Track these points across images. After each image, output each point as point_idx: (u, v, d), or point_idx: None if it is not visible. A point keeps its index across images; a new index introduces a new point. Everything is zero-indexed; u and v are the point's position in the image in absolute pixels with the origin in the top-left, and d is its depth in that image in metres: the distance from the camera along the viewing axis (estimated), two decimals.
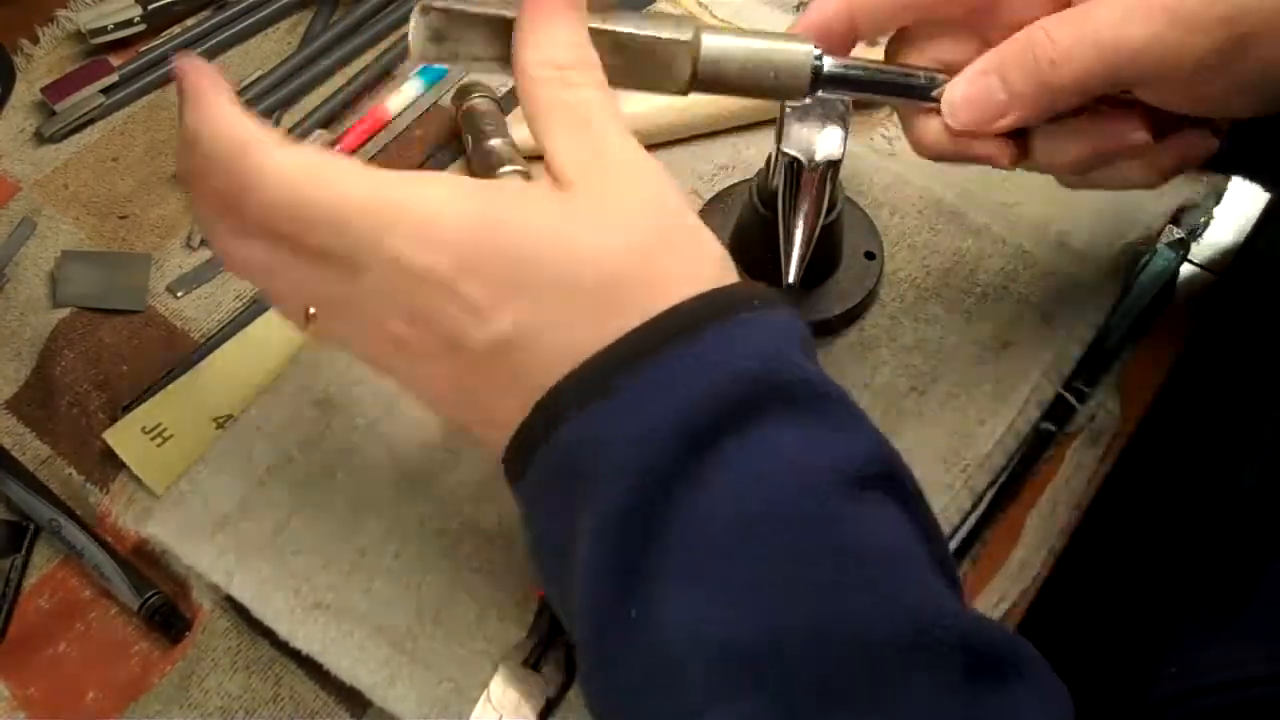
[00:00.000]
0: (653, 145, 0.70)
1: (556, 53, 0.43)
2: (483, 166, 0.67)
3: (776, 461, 0.38)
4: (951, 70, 0.49)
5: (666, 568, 0.38)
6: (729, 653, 0.37)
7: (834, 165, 0.57)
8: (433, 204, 0.40)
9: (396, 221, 0.40)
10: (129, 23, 0.75)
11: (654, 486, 0.38)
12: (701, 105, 0.70)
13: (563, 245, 0.40)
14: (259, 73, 0.74)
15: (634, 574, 0.38)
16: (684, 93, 0.49)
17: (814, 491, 0.38)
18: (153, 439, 0.62)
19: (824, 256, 0.62)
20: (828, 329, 0.64)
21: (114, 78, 0.74)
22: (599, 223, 0.41)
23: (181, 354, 0.65)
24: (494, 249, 0.40)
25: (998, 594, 0.56)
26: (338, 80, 0.75)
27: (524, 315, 0.40)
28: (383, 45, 0.77)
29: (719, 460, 0.38)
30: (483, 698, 0.53)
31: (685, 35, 0.47)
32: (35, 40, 0.77)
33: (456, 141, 0.72)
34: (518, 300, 0.40)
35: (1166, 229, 0.67)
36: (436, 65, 0.46)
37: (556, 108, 0.42)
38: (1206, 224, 0.68)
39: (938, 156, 0.51)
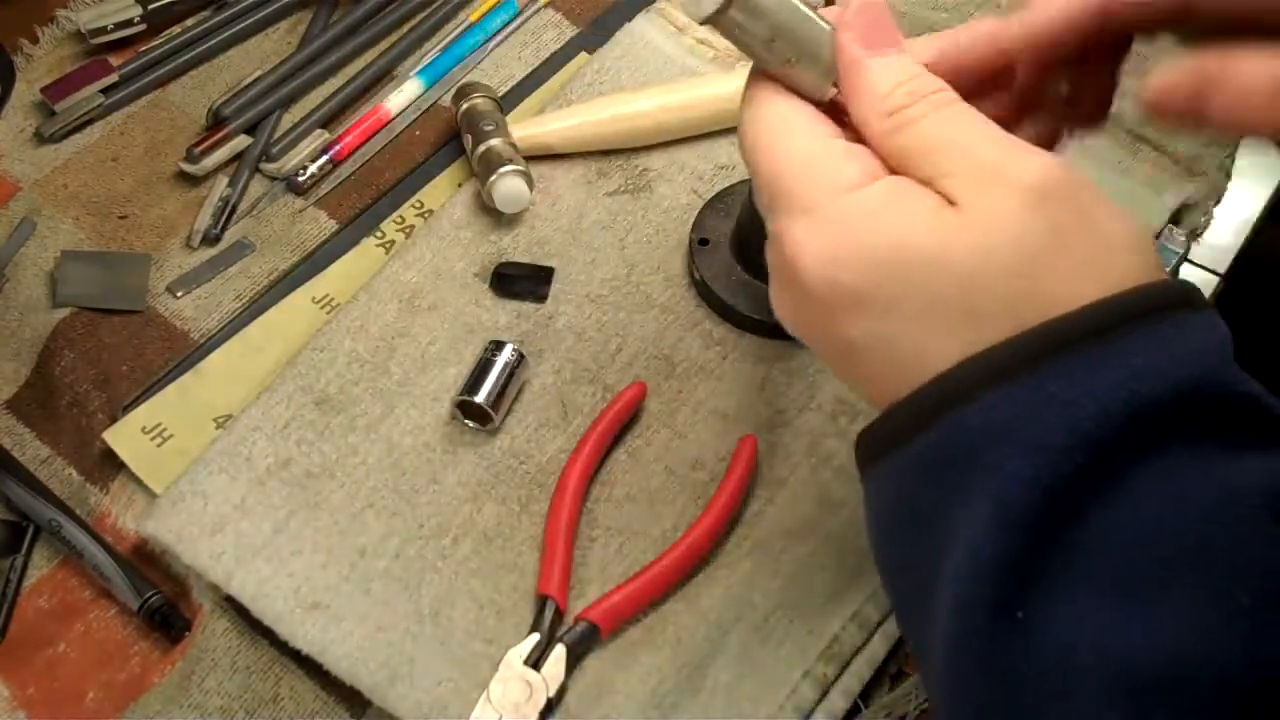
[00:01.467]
0: (653, 145, 0.71)
1: (888, 98, 0.41)
2: (483, 166, 0.67)
3: (1208, 481, 0.35)
4: None
5: (1072, 573, 0.35)
6: (1136, 676, 0.34)
7: None
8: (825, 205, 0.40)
9: (790, 205, 0.41)
10: (129, 23, 0.75)
11: (1070, 484, 0.35)
12: (701, 106, 0.70)
13: (939, 258, 0.38)
14: (259, 73, 0.74)
15: (1032, 573, 0.35)
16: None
17: (1246, 519, 0.35)
18: (153, 439, 0.62)
19: None
20: None
21: (114, 78, 0.73)
22: (982, 233, 0.38)
23: (181, 354, 0.65)
24: (870, 258, 0.39)
25: None
26: (338, 80, 0.75)
27: (873, 328, 0.39)
28: (383, 45, 0.77)
29: (1142, 471, 0.35)
30: (483, 698, 0.53)
31: None
32: (35, 40, 0.77)
33: (456, 141, 0.72)
34: (866, 314, 0.39)
35: (1166, 229, 0.67)
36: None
37: (911, 154, 0.40)
38: (1206, 224, 0.68)
39: None
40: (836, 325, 0.40)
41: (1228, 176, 0.70)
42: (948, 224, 0.38)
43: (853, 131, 0.42)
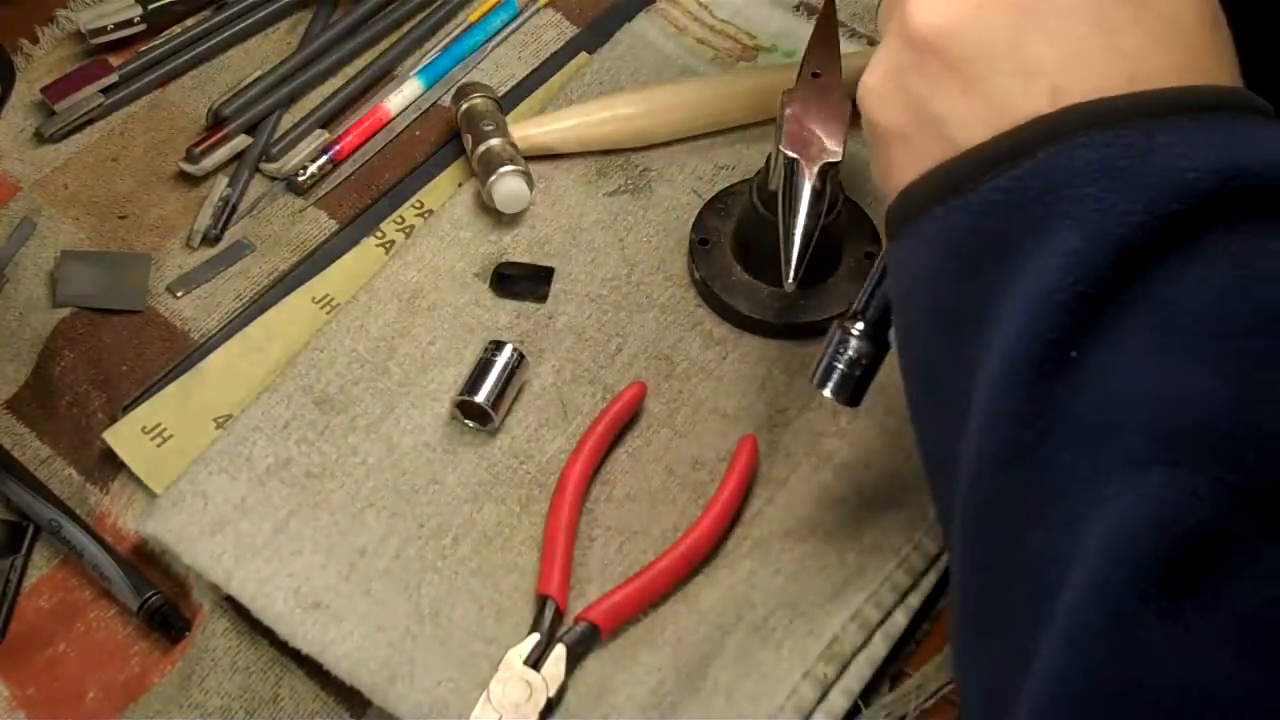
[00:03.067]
0: (653, 145, 0.70)
1: None
2: (483, 166, 0.67)
3: (1271, 262, 0.36)
4: None
5: (1134, 317, 0.36)
6: (1180, 429, 0.35)
7: (834, 165, 0.57)
8: None
9: None
10: (129, 23, 0.75)
11: (1165, 228, 0.36)
12: (701, 105, 0.70)
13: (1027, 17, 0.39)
14: (259, 73, 0.74)
15: (1102, 312, 0.36)
16: None
17: None
18: (153, 439, 0.62)
19: (824, 256, 0.62)
20: (828, 329, 0.64)
21: (114, 78, 0.73)
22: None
23: (181, 354, 0.65)
24: (943, 33, 0.41)
25: None
26: (338, 80, 0.75)
27: (952, 100, 0.41)
28: (383, 45, 0.77)
29: (1233, 235, 0.36)
30: (483, 698, 0.53)
31: None
32: (35, 40, 0.77)
33: (456, 141, 0.72)
34: (950, 82, 0.41)
35: None
36: None
37: None
38: None
39: None
40: (930, 88, 0.41)
41: None
42: None
43: None
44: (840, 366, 0.52)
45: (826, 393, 0.52)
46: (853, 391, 0.52)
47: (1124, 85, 0.38)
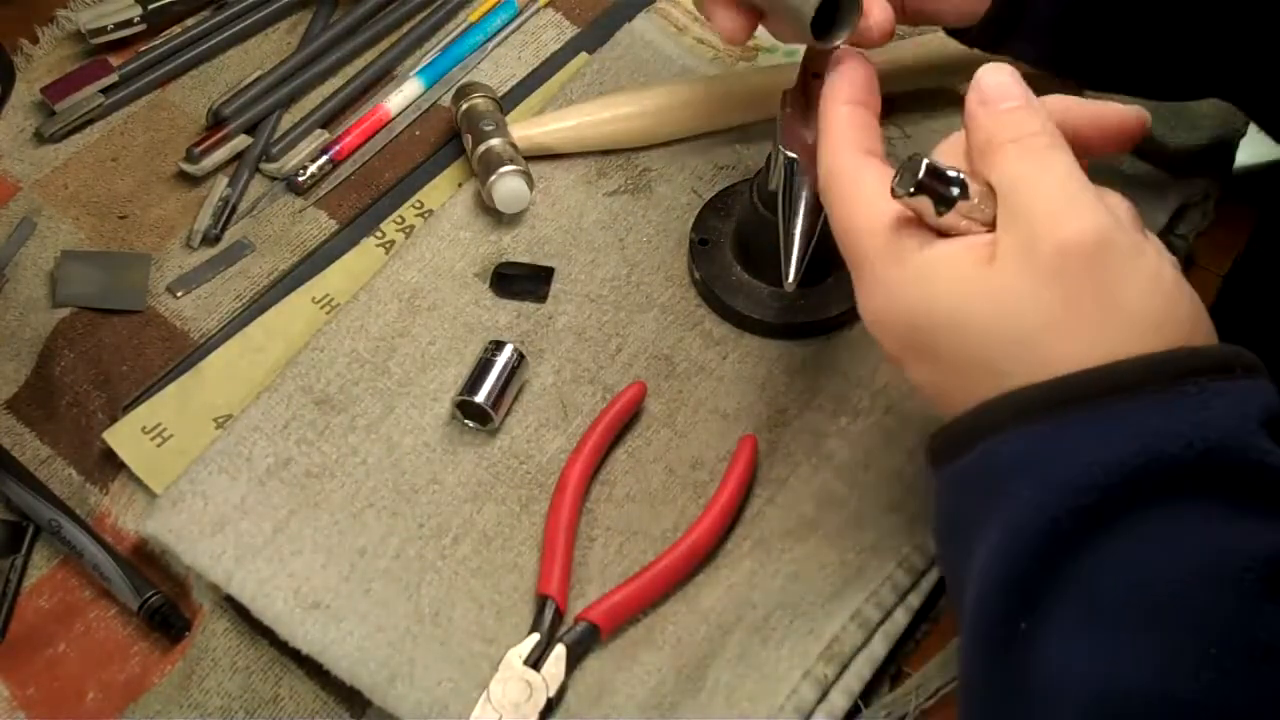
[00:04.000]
0: (653, 145, 0.71)
1: (989, 132, 0.46)
2: (483, 166, 0.67)
3: (1206, 540, 0.39)
4: None
5: (1068, 602, 0.39)
6: (1111, 703, 0.38)
7: None
8: (884, 269, 0.46)
9: (854, 263, 0.47)
10: (129, 23, 0.75)
11: (1069, 526, 0.39)
12: (701, 105, 0.70)
13: (963, 322, 0.44)
14: (259, 73, 0.74)
15: (1034, 595, 0.40)
16: None
17: (1234, 584, 0.38)
18: (153, 439, 0.62)
19: (824, 256, 0.62)
20: (828, 329, 0.64)
21: (114, 78, 0.73)
22: (1003, 301, 0.43)
23: (181, 354, 0.65)
24: (916, 323, 0.45)
25: None
26: (338, 80, 0.75)
27: (932, 375, 0.46)
28: (383, 45, 0.77)
29: (1143, 521, 0.39)
30: (483, 698, 0.53)
31: None
32: (35, 40, 0.77)
33: (456, 141, 0.72)
34: (920, 363, 0.46)
35: (1166, 229, 0.67)
36: None
37: (996, 187, 0.45)
38: (1206, 224, 0.68)
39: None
40: (903, 367, 0.47)
41: (1228, 176, 0.69)
42: (974, 289, 0.43)
43: None
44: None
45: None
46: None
47: (1067, 369, 0.41)
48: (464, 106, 0.70)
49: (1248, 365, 0.41)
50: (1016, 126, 0.45)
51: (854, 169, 0.49)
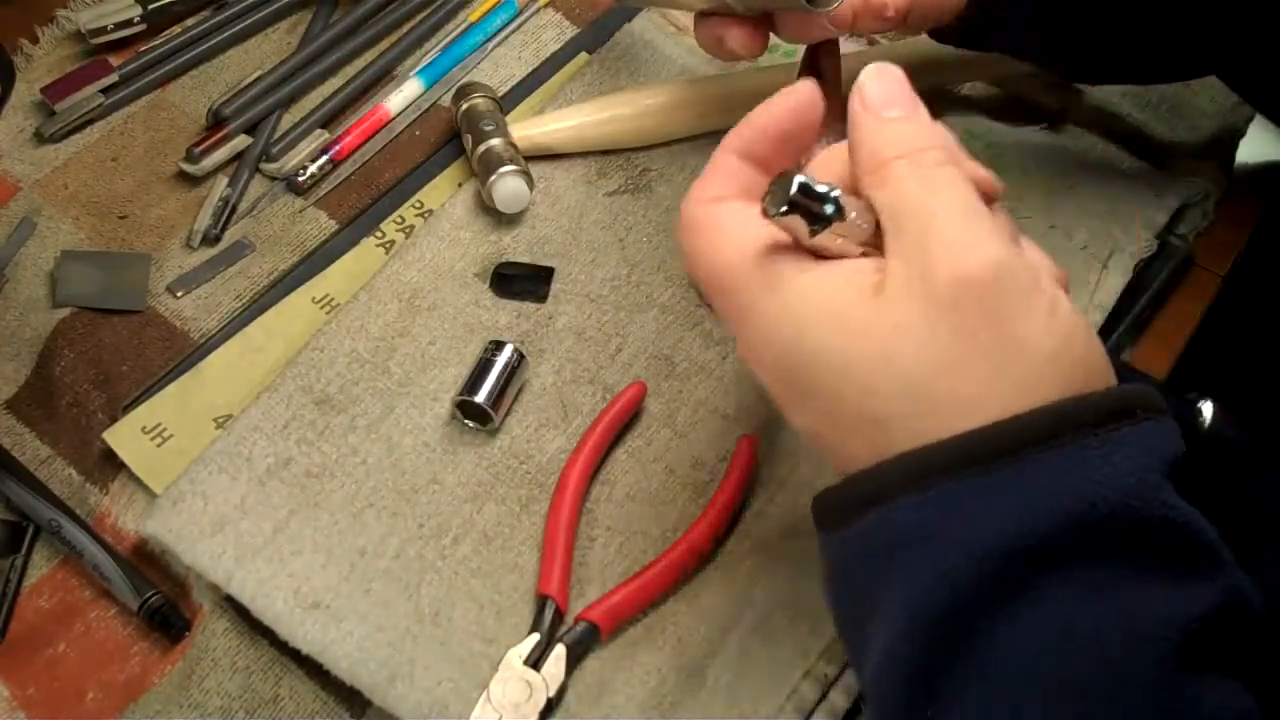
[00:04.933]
0: (653, 145, 0.71)
1: (877, 154, 0.41)
2: (483, 166, 0.67)
3: (1105, 611, 0.36)
4: None
5: (970, 681, 0.37)
6: None
7: None
8: (761, 299, 0.41)
9: (723, 300, 0.43)
10: (129, 23, 0.75)
11: (972, 600, 0.36)
12: (701, 105, 0.70)
13: (842, 364, 0.39)
14: (259, 73, 0.74)
15: (935, 681, 0.37)
16: None
17: (1146, 656, 0.35)
18: (153, 439, 0.62)
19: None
20: None
21: (114, 78, 0.73)
22: (888, 341, 0.39)
23: (181, 354, 0.65)
24: (791, 361, 0.41)
25: None
26: (338, 80, 0.75)
27: (811, 421, 0.41)
28: (383, 45, 0.77)
29: (1050, 591, 0.36)
30: (483, 698, 0.53)
31: None
32: (35, 40, 0.77)
33: (456, 141, 0.72)
34: (805, 406, 0.41)
35: (1166, 229, 0.67)
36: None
37: (887, 211, 0.40)
38: (1207, 224, 0.68)
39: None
40: (784, 412, 0.43)
41: (1228, 176, 0.69)
42: (857, 324, 0.39)
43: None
44: None
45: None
46: None
47: (959, 427, 0.38)
48: (464, 106, 0.70)
49: (1148, 406, 0.38)
50: (905, 140, 0.41)
51: (709, 213, 0.43)
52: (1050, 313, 0.39)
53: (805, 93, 0.44)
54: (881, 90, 0.42)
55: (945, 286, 0.38)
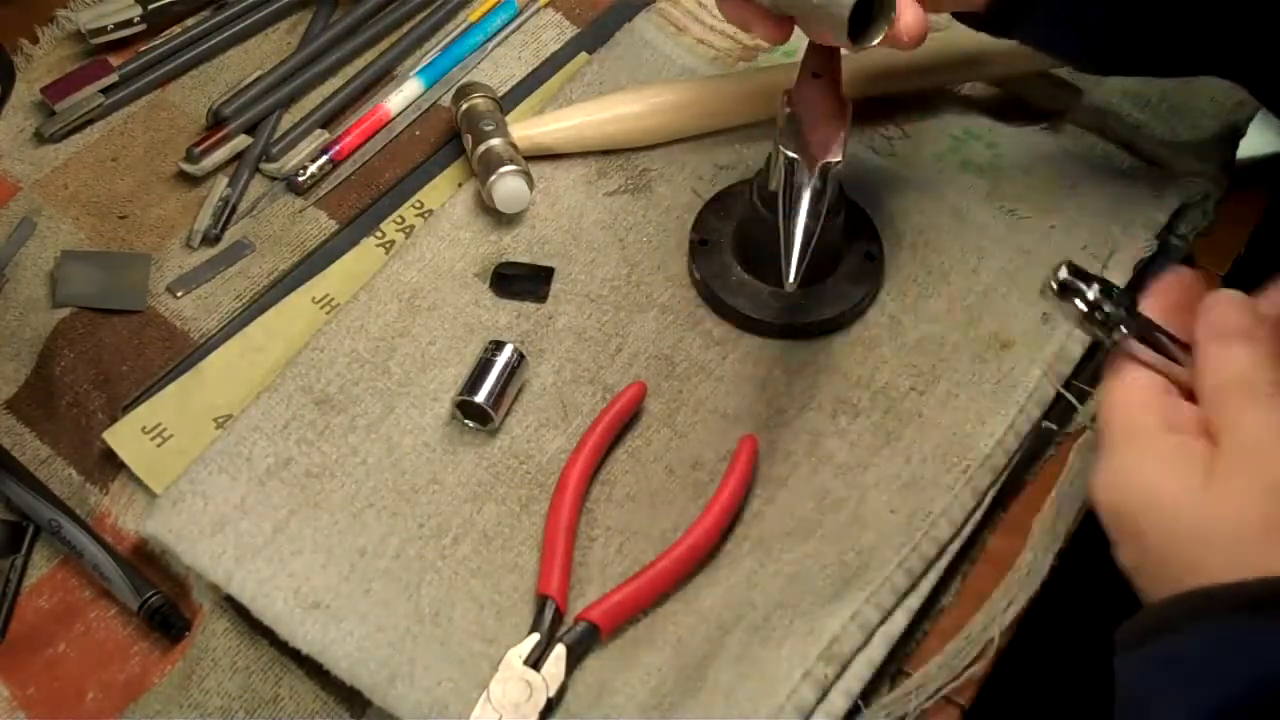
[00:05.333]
0: (653, 145, 0.71)
1: (1217, 384, 0.46)
2: (483, 166, 0.67)
3: None
4: None
5: None
6: None
7: (834, 165, 0.57)
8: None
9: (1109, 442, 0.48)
10: (129, 23, 0.75)
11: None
12: (701, 105, 0.70)
13: (1171, 524, 0.45)
14: (259, 73, 0.74)
15: None
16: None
17: None
18: (153, 439, 0.62)
19: (824, 256, 0.62)
20: (828, 329, 0.64)
21: (114, 78, 0.73)
22: (1213, 510, 0.44)
23: (181, 354, 0.65)
24: (1123, 513, 0.47)
25: (1006, 599, 0.56)
26: (338, 80, 0.75)
27: (1134, 559, 0.47)
28: (383, 45, 0.77)
29: None
30: (483, 698, 0.53)
31: None
32: (35, 40, 0.77)
33: (456, 141, 0.72)
34: (1132, 546, 0.47)
35: (1166, 229, 0.67)
36: None
37: (1216, 424, 0.46)
38: (1207, 224, 0.68)
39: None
40: (1112, 544, 0.48)
41: (1228, 176, 0.69)
42: (1191, 496, 0.45)
43: None
44: None
45: None
46: None
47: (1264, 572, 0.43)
48: (464, 106, 0.70)
49: None
50: (1244, 366, 0.46)
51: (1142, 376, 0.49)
52: None
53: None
54: (1224, 316, 0.47)
55: (1259, 488, 0.44)
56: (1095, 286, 0.46)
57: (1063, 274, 0.46)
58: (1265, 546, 0.44)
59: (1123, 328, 0.46)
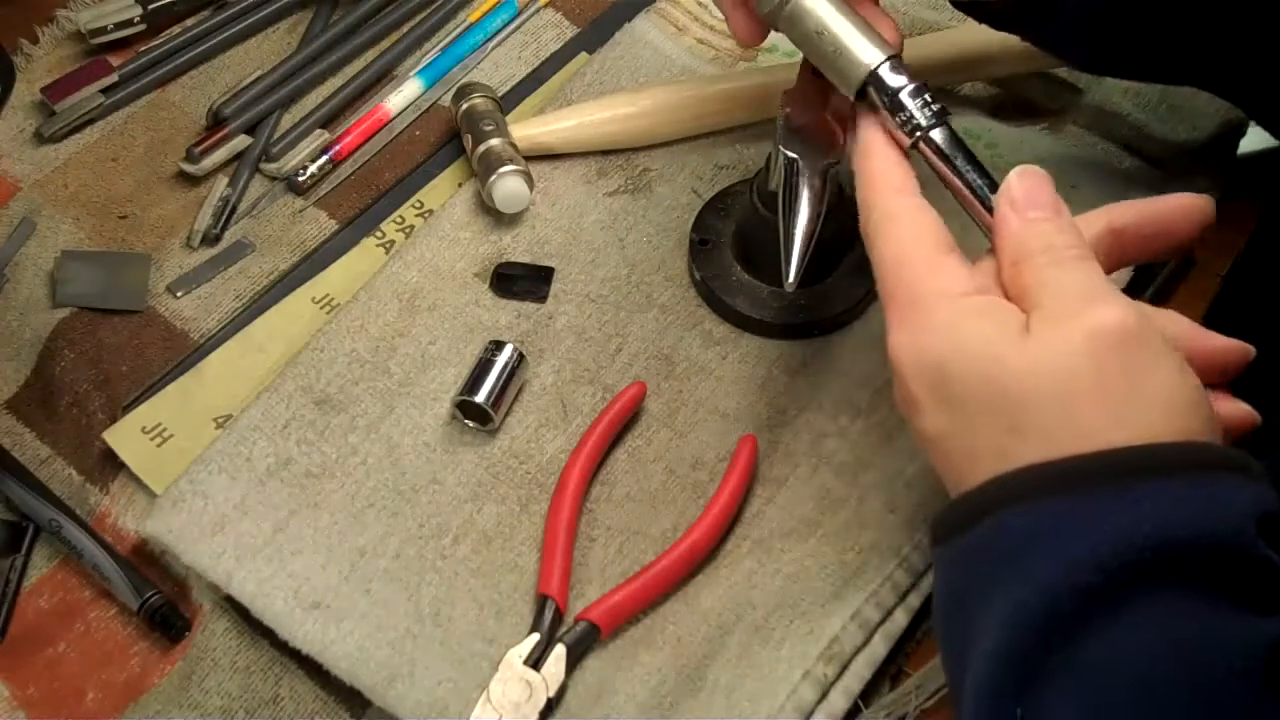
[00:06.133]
0: (653, 145, 0.71)
1: (1019, 250, 0.47)
2: (483, 166, 0.67)
3: (1209, 629, 0.39)
4: None
5: (1064, 682, 0.39)
6: None
7: (834, 165, 0.57)
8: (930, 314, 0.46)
9: (894, 296, 0.48)
10: (129, 23, 0.75)
11: (1072, 605, 0.39)
12: (701, 105, 0.70)
13: (996, 373, 0.44)
14: (259, 73, 0.74)
15: (1030, 674, 0.40)
16: (767, 20, 0.54)
17: (1237, 674, 0.38)
18: (153, 439, 0.62)
19: (824, 256, 0.62)
20: (828, 329, 0.64)
21: (114, 78, 0.73)
22: (1038, 359, 0.43)
23: (181, 354, 0.65)
24: (938, 362, 0.46)
25: None
26: (338, 80, 0.75)
27: (944, 425, 0.46)
28: (383, 45, 0.77)
29: (1147, 606, 0.39)
30: (483, 698, 0.53)
31: None
32: (35, 40, 0.77)
33: (456, 141, 0.72)
34: (942, 411, 0.46)
35: None
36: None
37: (1024, 291, 0.46)
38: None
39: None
40: (916, 414, 0.47)
41: (1228, 176, 0.69)
42: (1012, 347, 0.44)
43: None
44: None
45: None
46: None
47: (1090, 439, 0.42)
48: (464, 106, 0.70)
49: (1257, 472, 0.42)
50: (1046, 237, 0.46)
51: (912, 209, 0.49)
52: (1179, 373, 0.43)
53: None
54: (1027, 191, 0.47)
55: (1081, 335, 0.43)
56: (909, 86, 0.48)
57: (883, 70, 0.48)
58: (1095, 399, 0.42)
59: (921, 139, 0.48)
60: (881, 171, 0.50)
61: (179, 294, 0.67)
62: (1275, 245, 0.70)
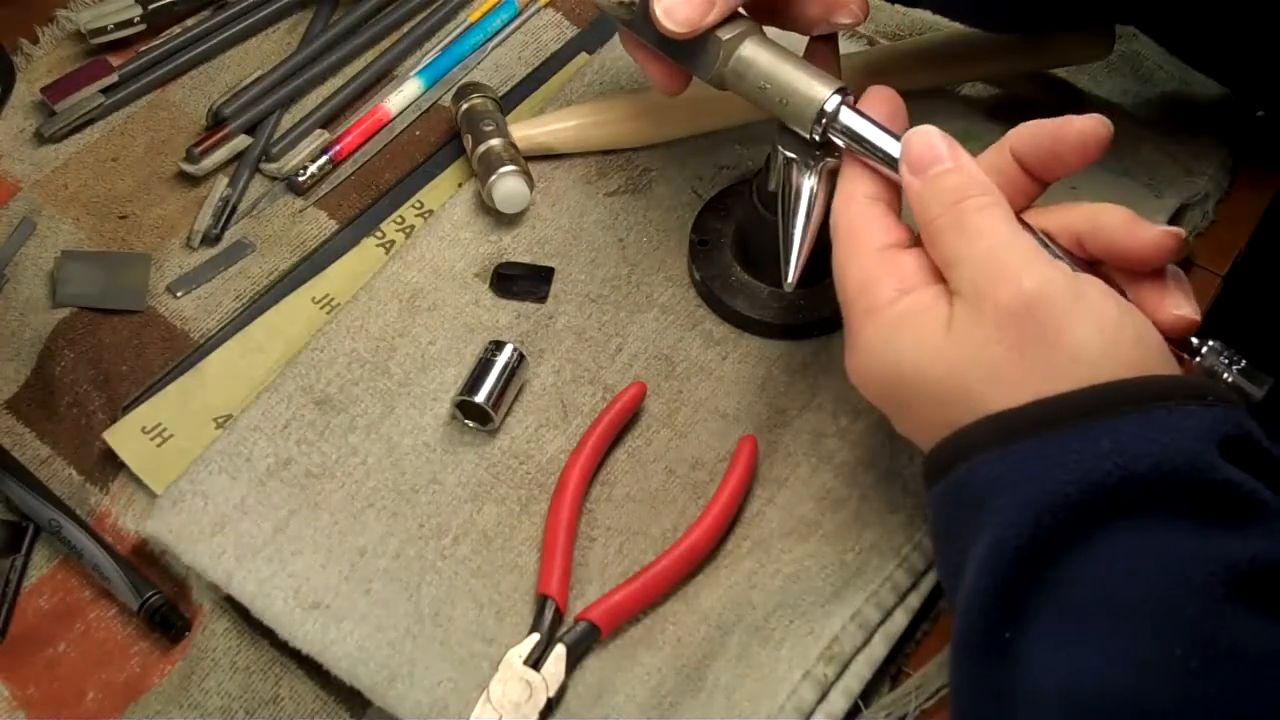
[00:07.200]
0: (653, 145, 0.71)
1: (923, 215, 0.49)
2: (483, 166, 0.67)
3: (1173, 549, 0.42)
4: None
5: (1048, 607, 0.42)
6: (1085, 701, 0.41)
7: (834, 165, 0.57)
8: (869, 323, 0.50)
9: (845, 313, 0.51)
10: (129, 23, 0.75)
11: (1047, 536, 0.42)
12: (702, 105, 0.70)
13: (930, 376, 0.47)
14: (259, 73, 0.74)
15: (1016, 603, 0.43)
16: (714, 85, 0.55)
17: (1200, 588, 0.41)
18: (153, 439, 0.62)
19: (824, 256, 0.62)
20: (828, 329, 0.64)
21: (114, 78, 0.73)
22: (961, 355, 0.46)
23: (181, 354, 0.65)
24: (881, 378, 0.49)
25: None
26: (338, 80, 0.75)
27: (911, 428, 0.50)
28: (383, 45, 0.77)
29: (1114, 533, 0.42)
30: (483, 698, 0.53)
31: (727, 34, 0.54)
32: (35, 40, 0.77)
33: (456, 141, 0.72)
34: (897, 415, 0.51)
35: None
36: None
37: (944, 265, 0.48)
38: (1207, 224, 0.68)
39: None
40: (889, 418, 0.51)
41: (1229, 176, 0.69)
42: (936, 351, 0.47)
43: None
44: None
45: None
46: None
47: (1033, 397, 0.44)
48: (464, 106, 0.70)
49: (1217, 395, 0.44)
50: (948, 194, 0.47)
51: (850, 217, 0.51)
52: (1096, 315, 0.45)
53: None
54: (920, 149, 0.49)
55: (992, 316, 0.45)
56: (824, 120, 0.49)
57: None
58: (1022, 369, 0.44)
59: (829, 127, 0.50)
60: (839, 189, 0.53)
61: (179, 294, 0.67)
62: (1275, 245, 0.70)
